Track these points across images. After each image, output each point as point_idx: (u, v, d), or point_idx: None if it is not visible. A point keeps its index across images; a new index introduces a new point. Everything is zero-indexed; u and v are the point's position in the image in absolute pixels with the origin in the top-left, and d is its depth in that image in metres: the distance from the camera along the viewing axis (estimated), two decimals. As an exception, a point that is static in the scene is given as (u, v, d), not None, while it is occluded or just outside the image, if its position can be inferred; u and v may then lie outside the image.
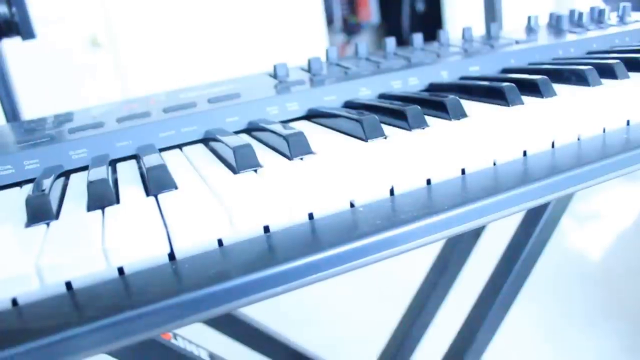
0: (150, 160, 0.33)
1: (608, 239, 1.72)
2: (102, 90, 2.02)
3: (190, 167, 0.35)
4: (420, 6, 3.18)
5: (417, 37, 0.59)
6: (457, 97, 0.38)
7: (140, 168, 0.37)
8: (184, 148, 0.41)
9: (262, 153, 0.35)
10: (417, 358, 0.90)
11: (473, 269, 0.88)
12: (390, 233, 0.26)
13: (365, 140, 0.35)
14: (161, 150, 0.41)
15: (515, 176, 0.30)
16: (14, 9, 0.58)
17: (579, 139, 0.36)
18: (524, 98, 0.39)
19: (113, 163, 0.40)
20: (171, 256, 0.25)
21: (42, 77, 1.89)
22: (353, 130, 0.37)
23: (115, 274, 0.25)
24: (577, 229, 1.80)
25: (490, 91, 0.41)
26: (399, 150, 0.32)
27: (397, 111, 0.37)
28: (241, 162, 0.32)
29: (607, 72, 0.43)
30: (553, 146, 0.35)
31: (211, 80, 0.56)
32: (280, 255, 0.25)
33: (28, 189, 0.35)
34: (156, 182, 0.30)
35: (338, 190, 0.28)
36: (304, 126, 0.42)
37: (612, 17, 0.66)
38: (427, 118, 0.37)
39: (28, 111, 0.68)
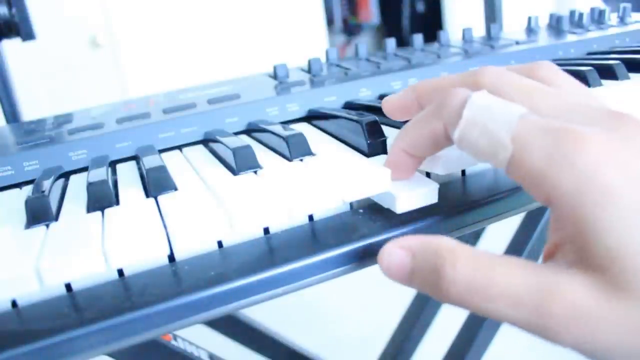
0: (149, 162, 0.33)
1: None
2: (101, 90, 2.02)
3: (190, 168, 0.35)
4: (421, 7, 3.18)
5: (417, 38, 0.59)
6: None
7: (140, 169, 0.37)
8: (184, 149, 0.41)
9: (262, 154, 0.35)
10: (418, 359, 0.90)
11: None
12: (391, 235, 0.26)
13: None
14: (161, 151, 0.41)
15: (515, 177, 0.30)
16: (13, 10, 0.58)
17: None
18: (524, 99, 0.39)
19: (113, 164, 0.40)
20: (171, 258, 0.25)
21: (42, 78, 1.89)
22: (353, 131, 0.37)
23: (115, 275, 0.24)
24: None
25: (490, 92, 0.41)
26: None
27: (397, 112, 0.37)
28: (241, 163, 0.32)
29: (607, 72, 0.43)
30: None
31: (211, 81, 0.56)
32: (280, 257, 0.25)
33: (27, 190, 0.35)
34: (156, 184, 0.30)
35: (338, 192, 0.27)
36: (304, 127, 0.42)
37: (612, 18, 0.66)
38: (427, 119, 0.37)
39: (28, 112, 0.68)
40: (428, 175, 0.31)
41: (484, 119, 0.22)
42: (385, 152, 0.33)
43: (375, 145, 0.33)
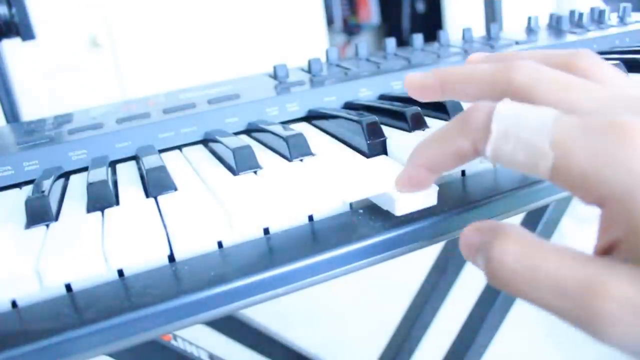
0: (149, 162, 0.33)
1: (608, 240, 1.71)
2: (101, 90, 2.02)
3: (190, 168, 0.35)
4: (421, 7, 3.18)
5: (417, 38, 0.59)
6: (457, 98, 0.38)
7: (139, 169, 0.37)
8: (184, 149, 0.41)
9: (262, 154, 0.35)
10: (418, 358, 0.90)
11: (473, 269, 0.88)
12: (390, 235, 0.26)
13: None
14: (161, 151, 0.41)
15: (515, 177, 0.30)
16: (13, 10, 0.58)
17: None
18: (524, 99, 0.39)
19: (113, 164, 0.40)
20: (171, 258, 0.25)
21: (42, 78, 1.88)
22: (353, 131, 0.37)
23: (115, 275, 0.24)
24: (577, 230, 1.80)
25: (490, 92, 0.41)
26: (399, 152, 0.32)
27: (397, 112, 0.37)
28: (241, 164, 0.32)
29: (607, 73, 0.43)
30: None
31: (211, 81, 0.56)
32: (280, 257, 0.25)
33: (27, 190, 0.35)
34: (156, 184, 0.30)
35: (338, 192, 0.27)
36: (304, 127, 0.42)
37: (612, 18, 0.66)
38: (427, 119, 0.37)
39: (28, 112, 0.68)
40: None
41: (515, 130, 0.20)
42: (385, 152, 0.33)
43: (375, 146, 0.33)
